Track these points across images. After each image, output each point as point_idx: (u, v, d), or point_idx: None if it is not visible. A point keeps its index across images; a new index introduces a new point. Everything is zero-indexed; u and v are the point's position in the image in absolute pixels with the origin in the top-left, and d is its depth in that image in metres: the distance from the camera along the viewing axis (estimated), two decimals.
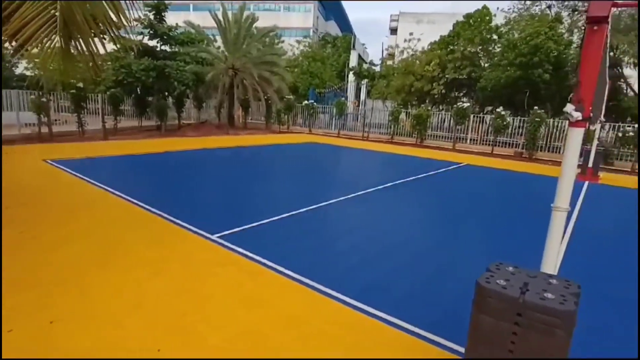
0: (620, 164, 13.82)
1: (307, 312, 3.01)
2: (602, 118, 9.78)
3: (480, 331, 1.95)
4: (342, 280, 3.57)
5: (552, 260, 2.45)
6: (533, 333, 1.78)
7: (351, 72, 33.21)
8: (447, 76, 20.92)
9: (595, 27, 2.21)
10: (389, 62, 33.63)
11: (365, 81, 33.41)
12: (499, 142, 16.72)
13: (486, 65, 21.32)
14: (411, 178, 9.30)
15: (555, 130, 15.53)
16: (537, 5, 22.46)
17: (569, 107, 2.31)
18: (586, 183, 9.76)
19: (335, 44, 41.32)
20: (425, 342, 2.69)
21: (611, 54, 16.43)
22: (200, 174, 8.48)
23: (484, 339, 1.95)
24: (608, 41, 3.67)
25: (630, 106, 16.38)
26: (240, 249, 4.11)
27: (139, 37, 17.82)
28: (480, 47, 21.53)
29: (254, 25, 21.59)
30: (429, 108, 19.77)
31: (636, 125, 13.68)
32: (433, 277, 3.86)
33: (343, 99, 23.90)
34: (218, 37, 22.46)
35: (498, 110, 16.33)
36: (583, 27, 3.40)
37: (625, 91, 18.09)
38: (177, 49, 20.27)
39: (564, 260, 4.49)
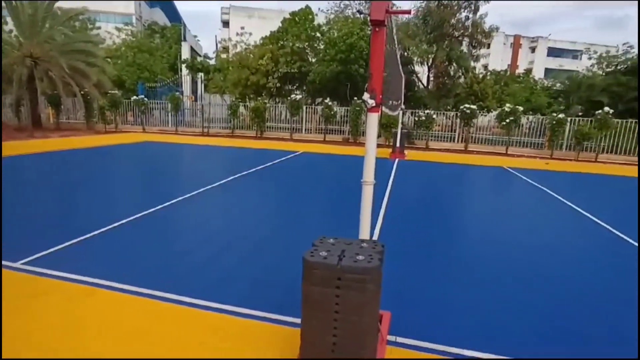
0: (419, 142, 17.20)
1: (150, 323, 2.77)
2: (402, 106, 11.81)
3: (311, 301, 2.15)
4: (185, 282, 3.41)
5: (366, 227, 2.86)
6: (351, 292, 2.06)
7: (184, 65, 31.24)
8: (280, 70, 21.86)
9: (377, 29, 2.63)
10: (224, 56, 32.99)
11: (201, 75, 31.97)
12: (330, 130, 18.57)
13: (313, 60, 23.15)
14: (252, 170, 9.46)
15: None
16: (349, 9, 25.55)
17: (366, 96, 2.70)
18: (396, 160, 11.80)
19: (164, 34, 38.01)
20: (272, 324, 2.82)
21: (405, 54, 20.10)
22: None
23: (315, 307, 2.16)
24: (396, 42, 4.41)
25: (422, 96, 20.52)
26: (59, 272, 3.46)
27: None
28: (307, 44, 23.20)
29: (55, 5, 17.95)
30: (266, 101, 20.37)
31: (427, 111, 17.18)
32: (275, 261, 4.05)
33: (178, 93, 22.36)
34: (9, 19, 17.83)
35: (326, 101, 18.04)
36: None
37: (416, 84, 22.45)
38: None
39: (383, 225, 5.32)
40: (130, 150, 12.94)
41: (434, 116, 17.03)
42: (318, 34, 23.64)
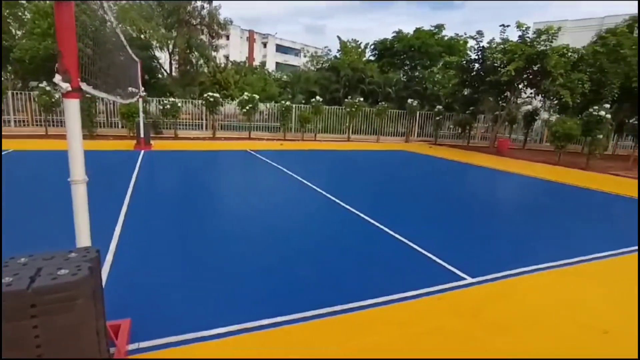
0: (167, 132, 16.42)
1: None
2: (142, 93, 10.87)
3: (5, 341, 1.66)
4: None
5: (84, 233, 2.46)
6: (55, 316, 1.71)
7: None
8: None
9: (61, 2, 2.23)
10: None
11: None
12: (55, 121, 15.03)
13: (19, 33, 17.97)
14: None
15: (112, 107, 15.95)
16: None
17: (57, 78, 2.25)
18: (142, 151, 10.86)
19: None
20: None
21: (142, 37, 18.47)
22: None
23: (12, 347, 1.69)
24: (114, 22, 3.89)
25: (166, 83, 19.54)
26: None
27: None
28: (7, 11, 17.62)
29: None
30: None
31: (172, 99, 16.49)
32: None
33: None
34: None
35: (42, 85, 14.40)
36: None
37: (159, 70, 21.17)
38: None
39: (125, 224, 4.80)
40: None
41: (180, 104, 16.54)
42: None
